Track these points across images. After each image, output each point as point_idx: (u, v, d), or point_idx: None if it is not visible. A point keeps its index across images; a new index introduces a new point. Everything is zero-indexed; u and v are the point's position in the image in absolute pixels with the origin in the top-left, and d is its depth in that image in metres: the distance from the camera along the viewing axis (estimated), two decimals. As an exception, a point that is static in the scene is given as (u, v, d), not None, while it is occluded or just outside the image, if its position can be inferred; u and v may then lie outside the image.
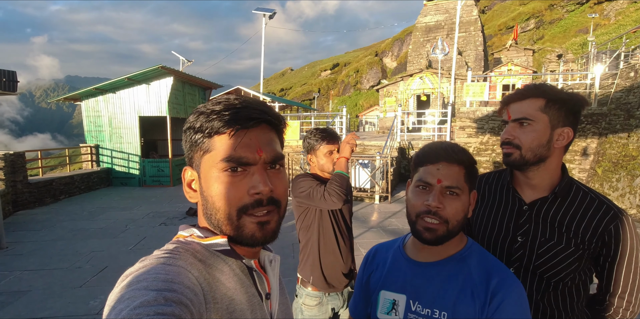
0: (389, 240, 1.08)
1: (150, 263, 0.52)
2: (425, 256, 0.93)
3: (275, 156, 0.61)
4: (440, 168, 0.86)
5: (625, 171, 7.13)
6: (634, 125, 7.13)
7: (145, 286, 0.46)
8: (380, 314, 0.94)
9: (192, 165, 0.63)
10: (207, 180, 0.60)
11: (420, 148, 0.94)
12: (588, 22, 29.16)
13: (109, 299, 0.47)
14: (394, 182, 9.30)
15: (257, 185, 0.58)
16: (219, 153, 0.58)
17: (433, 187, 0.86)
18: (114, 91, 10.57)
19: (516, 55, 21.79)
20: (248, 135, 0.59)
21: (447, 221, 0.85)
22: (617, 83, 8.29)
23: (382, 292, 0.95)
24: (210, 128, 0.58)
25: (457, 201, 0.85)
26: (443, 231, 0.85)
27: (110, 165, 10.82)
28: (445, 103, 17.84)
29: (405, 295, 0.91)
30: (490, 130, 9.66)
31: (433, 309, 0.86)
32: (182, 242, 0.60)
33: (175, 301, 0.45)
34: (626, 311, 1.06)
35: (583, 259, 1.03)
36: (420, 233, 0.86)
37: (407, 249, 0.98)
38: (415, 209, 0.88)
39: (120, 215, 7.10)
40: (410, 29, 46.80)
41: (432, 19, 21.41)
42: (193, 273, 0.53)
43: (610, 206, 1.03)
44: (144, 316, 0.41)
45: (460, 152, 0.87)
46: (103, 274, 4.13)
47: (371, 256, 1.06)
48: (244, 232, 0.59)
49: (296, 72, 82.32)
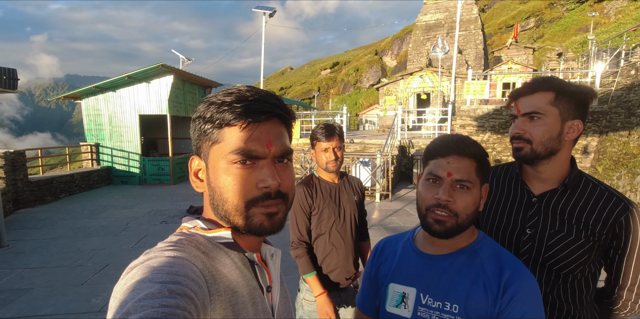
0: (397, 234, 1.07)
1: (154, 256, 0.52)
2: (436, 249, 0.92)
3: (285, 150, 0.61)
4: (451, 162, 0.85)
5: (626, 169, 7.13)
6: (634, 123, 7.13)
7: (150, 278, 0.47)
8: (389, 307, 0.94)
9: (200, 154, 0.63)
10: (215, 170, 0.59)
11: (431, 141, 0.93)
12: (588, 21, 29.11)
13: (114, 291, 0.47)
14: (395, 180, 9.30)
15: (266, 179, 0.58)
16: (229, 145, 0.58)
17: (443, 180, 0.85)
18: (114, 89, 10.55)
19: (516, 54, 21.77)
20: (259, 129, 0.59)
21: (457, 214, 0.84)
22: (617, 81, 8.29)
23: (392, 285, 0.95)
24: (221, 119, 0.58)
25: (467, 195, 0.85)
26: (452, 223, 0.84)
27: (111, 163, 10.81)
28: (445, 101, 17.83)
29: (415, 288, 0.91)
30: (491, 128, 9.66)
31: (444, 302, 0.86)
32: (186, 234, 0.60)
33: (180, 294, 0.45)
34: (635, 304, 1.06)
35: (593, 251, 1.02)
36: (430, 226, 0.86)
37: (417, 242, 0.98)
38: (425, 202, 0.87)
39: (121, 213, 7.10)
40: (410, 28, 46.75)
41: (432, 17, 21.37)
42: (197, 265, 0.53)
43: (621, 198, 1.03)
44: (149, 308, 0.41)
45: (471, 144, 0.87)
46: (105, 272, 4.13)
47: (380, 249, 1.05)
48: (253, 222, 0.59)
49: (296, 70, 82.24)
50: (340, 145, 1.86)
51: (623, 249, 1.02)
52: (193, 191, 9.41)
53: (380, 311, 0.97)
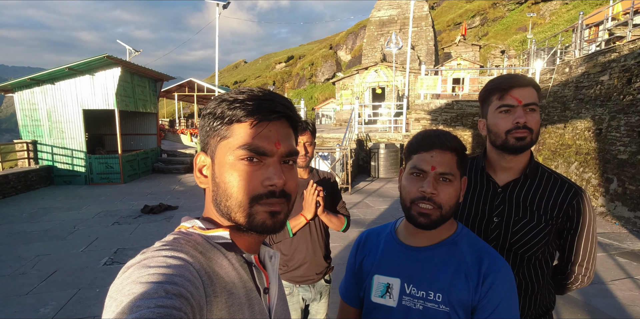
0: (377, 226, 1.10)
1: (151, 255, 0.52)
2: (419, 241, 0.95)
3: (291, 151, 0.62)
4: (434, 156, 0.88)
5: (562, 158, 7.79)
6: (569, 117, 7.79)
7: (146, 278, 0.46)
8: (374, 298, 0.96)
9: (207, 150, 0.63)
10: (222, 166, 0.60)
11: (414, 136, 0.96)
12: (527, 21, 31.24)
13: (110, 290, 0.47)
14: (354, 173, 9.47)
15: (272, 177, 0.59)
16: (237, 140, 0.59)
17: (427, 174, 0.88)
18: (52, 82, 9.70)
19: (464, 51, 22.87)
20: (268, 127, 0.60)
21: (440, 206, 0.87)
22: (554, 78, 8.99)
23: (376, 276, 0.97)
24: (231, 116, 0.59)
25: (450, 188, 0.88)
26: (437, 216, 0.88)
27: (52, 162, 9.98)
28: (400, 95, 18.36)
29: (399, 279, 0.94)
30: (444, 121, 10.10)
31: (428, 291, 0.89)
32: (184, 233, 0.60)
33: (176, 294, 0.45)
34: (584, 276, 1.19)
35: (551, 233, 1.13)
36: (414, 218, 0.89)
37: (399, 234, 1.01)
38: (410, 195, 0.90)
39: (66, 215, 6.60)
40: (363, 23, 47.43)
41: (386, 13, 21.82)
42: (194, 266, 0.53)
43: (572, 184, 1.15)
44: (145, 309, 0.41)
45: (452, 139, 0.90)
46: (53, 279, 3.82)
47: (362, 241, 1.07)
48: (256, 219, 0.59)
49: (250, 64, 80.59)
50: (311, 141, 1.86)
51: (575, 229, 1.14)
52: (146, 190, 8.96)
53: (365, 302, 0.99)
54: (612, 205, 5.98)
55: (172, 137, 18.05)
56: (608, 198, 6.10)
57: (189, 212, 6.67)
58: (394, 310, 0.92)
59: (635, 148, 5.57)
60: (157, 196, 8.12)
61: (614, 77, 6.35)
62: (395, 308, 0.92)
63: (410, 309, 0.90)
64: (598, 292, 3.42)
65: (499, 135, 1.11)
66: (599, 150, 6.53)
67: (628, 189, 5.63)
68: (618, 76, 6.22)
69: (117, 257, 4.44)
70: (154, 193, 8.64)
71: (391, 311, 0.92)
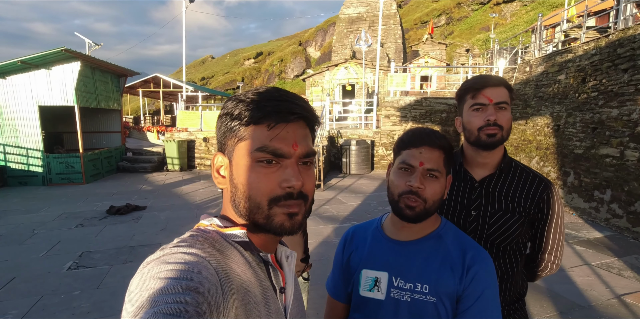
0: (363, 222, 1.12)
1: (169, 252, 0.53)
2: (405, 235, 0.99)
3: (309, 152, 0.63)
4: (423, 152, 0.91)
5: (524, 153, 8.19)
6: (530, 114, 8.19)
7: (164, 274, 0.47)
8: (363, 292, 0.98)
9: (224, 151, 0.63)
10: (239, 167, 0.60)
11: (404, 133, 0.99)
12: (489, 21, 32.48)
13: (130, 285, 0.49)
14: (326, 170, 9.52)
15: (289, 179, 0.59)
16: (255, 142, 0.59)
17: (415, 169, 0.91)
18: (3, 76, 9.06)
19: (432, 49, 23.46)
20: (286, 129, 0.59)
21: (425, 200, 0.91)
22: (516, 76, 9.41)
23: (364, 271, 0.99)
24: (249, 117, 0.59)
25: (436, 183, 0.92)
26: (421, 209, 0.91)
27: (4, 162, 9.36)
28: (369, 92, 18.60)
29: (387, 272, 0.96)
30: (413, 118, 10.34)
31: (415, 283, 0.93)
32: (202, 230, 0.61)
33: (193, 291, 0.46)
34: (553, 264, 1.27)
35: (524, 224, 1.20)
36: (401, 210, 0.92)
37: (385, 229, 1.03)
38: (398, 189, 0.93)
39: (23, 218, 6.22)
40: (332, 19, 47.55)
41: (355, 10, 22.00)
42: (211, 263, 0.54)
43: (542, 178, 1.23)
44: (162, 304, 0.42)
45: (441, 137, 0.94)
46: (12, 287, 3.59)
47: (349, 238, 1.09)
48: (274, 221, 0.59)
49: (218, 60, 78.86)
50: None
51: (545, 220, 1.21)
52: (111, 190, 8.59)
53: (354, 296, 1.01)
54: (569, 197, 6.37)
55: (138, 135, 17.39)
56: (566, 190, 6.49)
57: (158, 212, 6.47)
58: (382, 303, 0.94)
59: (590, 143, 5.94)
60: (123, 197, 7.80)
61: (570, 76, 6.73)
62: (384, 300, 0.94)
63: (398, 301, 0.93)
64: (559, 279, 3.63)
65: (472, 131, 1.17)
66: (557, 145, 6.92)
67: (583, 181, 6.01)
68: (574, 75, 6.60)
69: (83, 261, 4.23)
70: (119, 193, 8.30)
71: (380, 304, 0.95)
